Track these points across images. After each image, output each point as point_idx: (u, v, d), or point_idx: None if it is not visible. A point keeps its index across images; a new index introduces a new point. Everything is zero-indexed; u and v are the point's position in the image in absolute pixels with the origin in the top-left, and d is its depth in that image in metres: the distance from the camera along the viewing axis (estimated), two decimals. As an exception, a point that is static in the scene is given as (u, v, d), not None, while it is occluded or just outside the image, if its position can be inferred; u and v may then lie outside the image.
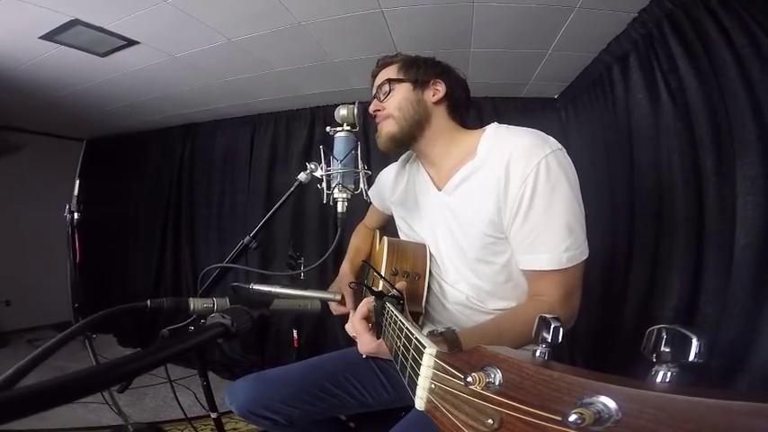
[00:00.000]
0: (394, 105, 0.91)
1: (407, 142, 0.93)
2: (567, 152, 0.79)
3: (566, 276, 0.76)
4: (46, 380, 0.31)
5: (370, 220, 1.28)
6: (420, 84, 0.91)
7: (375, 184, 1.18)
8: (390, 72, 0.94)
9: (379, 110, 0.93)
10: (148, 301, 0.69)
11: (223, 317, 0.55)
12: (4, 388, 0.36)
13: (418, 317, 0.90)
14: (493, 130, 0.87)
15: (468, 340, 0.66)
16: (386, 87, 0.92)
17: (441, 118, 0.92)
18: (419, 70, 0.92)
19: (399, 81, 0.92)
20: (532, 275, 0.80)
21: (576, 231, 0.75)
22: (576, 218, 0.76)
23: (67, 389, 0.32)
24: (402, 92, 0.91)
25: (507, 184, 0.77)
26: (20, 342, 2.93)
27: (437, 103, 0.91)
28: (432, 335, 0.67)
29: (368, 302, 0.72)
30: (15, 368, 0.40)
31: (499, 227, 0.81)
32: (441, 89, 0.91)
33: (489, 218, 0.81)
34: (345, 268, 1.12)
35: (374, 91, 0.96)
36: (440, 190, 0.93)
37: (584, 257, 0.77)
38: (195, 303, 0.73)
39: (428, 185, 0.97)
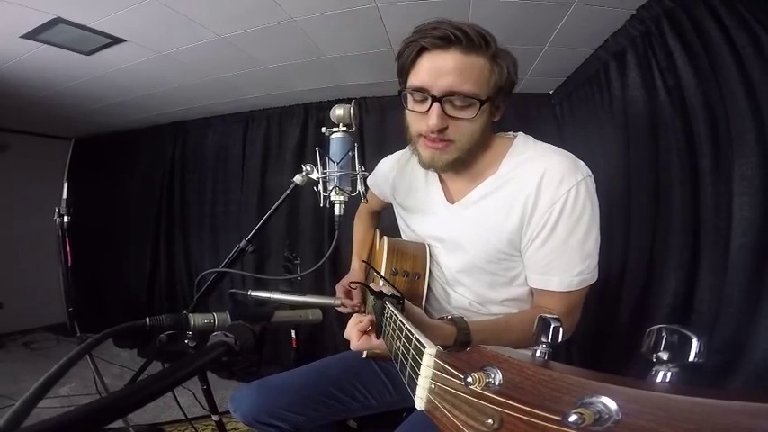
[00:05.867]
0: (468, 133, 0.73)
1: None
2: (563, 147, 0.78)
3: (572, 296, 0.77)
4: (47, 419, 0.30)
5: (371, 202, 1.20)
6: (496, 107, 0.77)
7: (374, 174, 1.11)
8: (481, 74, 0.70)
9: (442, 129, 0.72)
10: (147, 319, 0.68)
11: (225, 335, 0.54)
12: (12, 426, 0.35)
13: None
14: (521, 145, 0.81)
15: (477, 328, 0.66)
16: (471, 111, 0.71)
17: (486, 135, 0.81)
18: (505, 86, 0.75)
19: (490, 102, 0.72)
20: (540, 291, 0.80)
21: (591, 257, 0.75)
22: (594, 246, 0.76)
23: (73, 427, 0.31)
24: (484, 116, 0.74)
25: (536, 204, 0.75)
26: (15, 344, 2.90)
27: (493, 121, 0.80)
28: (442, 320, 0.67)
29: (357, 323, 0.68)
30: (21, 402, 0.38)
31: (517, 244, 0.80)
32: (503, 107, 0.79)
33: (509, 236, 0.79)
34: (356, 265, 1.12)
35: (434, 90, 0.70)
36: (452, 203, 0.88)
37: (594, 281, 0.77)
38: (195, 320, 0.72)
39: (439, 197, 0.91)
